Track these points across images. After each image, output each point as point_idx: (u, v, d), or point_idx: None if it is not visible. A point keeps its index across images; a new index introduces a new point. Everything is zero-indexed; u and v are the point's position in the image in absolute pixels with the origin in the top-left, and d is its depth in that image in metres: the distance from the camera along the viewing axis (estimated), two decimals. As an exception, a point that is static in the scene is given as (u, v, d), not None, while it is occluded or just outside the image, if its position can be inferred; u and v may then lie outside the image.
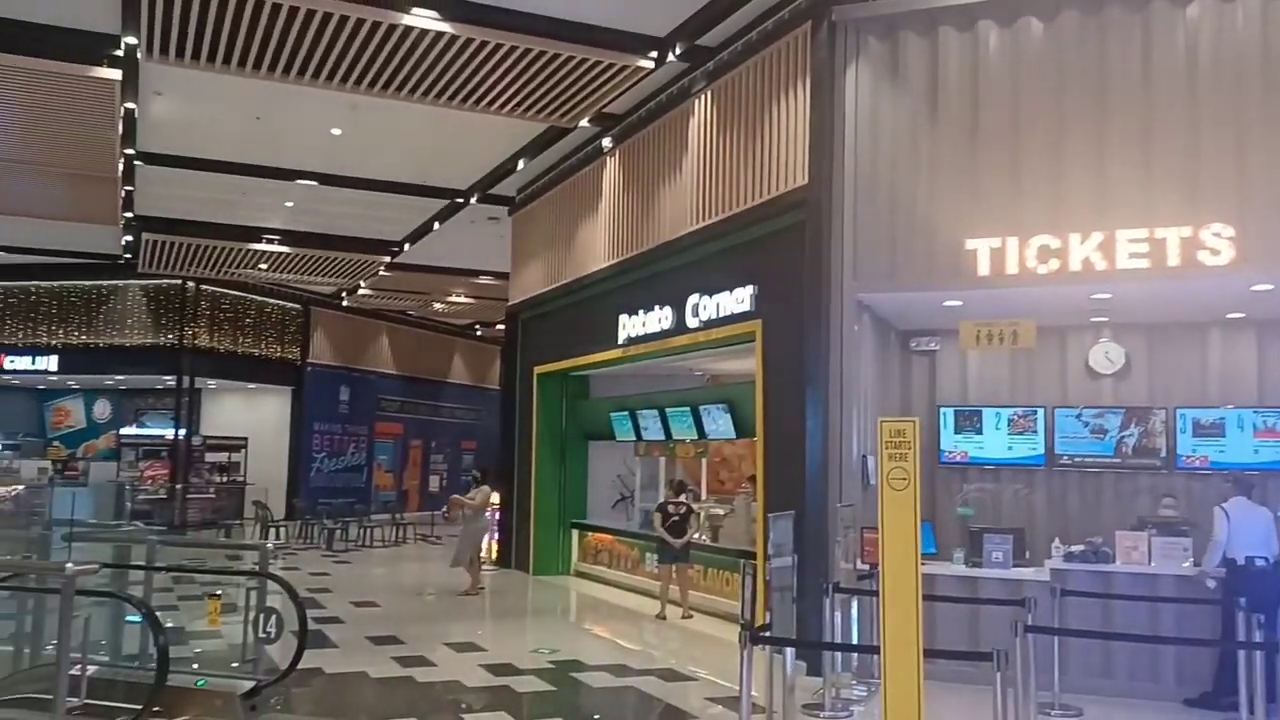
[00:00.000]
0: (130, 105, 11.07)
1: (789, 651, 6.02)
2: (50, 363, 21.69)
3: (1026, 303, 8.02)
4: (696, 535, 11.42)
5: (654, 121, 11.49)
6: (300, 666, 6.67)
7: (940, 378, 9.62)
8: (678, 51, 9.86)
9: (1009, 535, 7.94)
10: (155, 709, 5.57)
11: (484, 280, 20.82)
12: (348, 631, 9.82)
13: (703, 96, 10.45)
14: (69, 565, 5.18)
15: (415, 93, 10.35)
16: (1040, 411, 9.05)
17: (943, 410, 9.34)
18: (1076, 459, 8.94)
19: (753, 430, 9.86)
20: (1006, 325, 8.07)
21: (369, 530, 19.53)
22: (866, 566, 7.73)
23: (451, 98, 10.51)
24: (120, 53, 9.57)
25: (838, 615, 7.27)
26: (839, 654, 7.32)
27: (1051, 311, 8.45)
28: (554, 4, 9.02)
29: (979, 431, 9.18)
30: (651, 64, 9.94)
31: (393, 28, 8.90)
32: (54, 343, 21.65)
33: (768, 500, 9.02)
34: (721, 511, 12.17)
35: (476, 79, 10.05)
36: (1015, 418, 9.13)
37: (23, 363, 21.78)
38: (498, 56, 9.52)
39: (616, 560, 13.50)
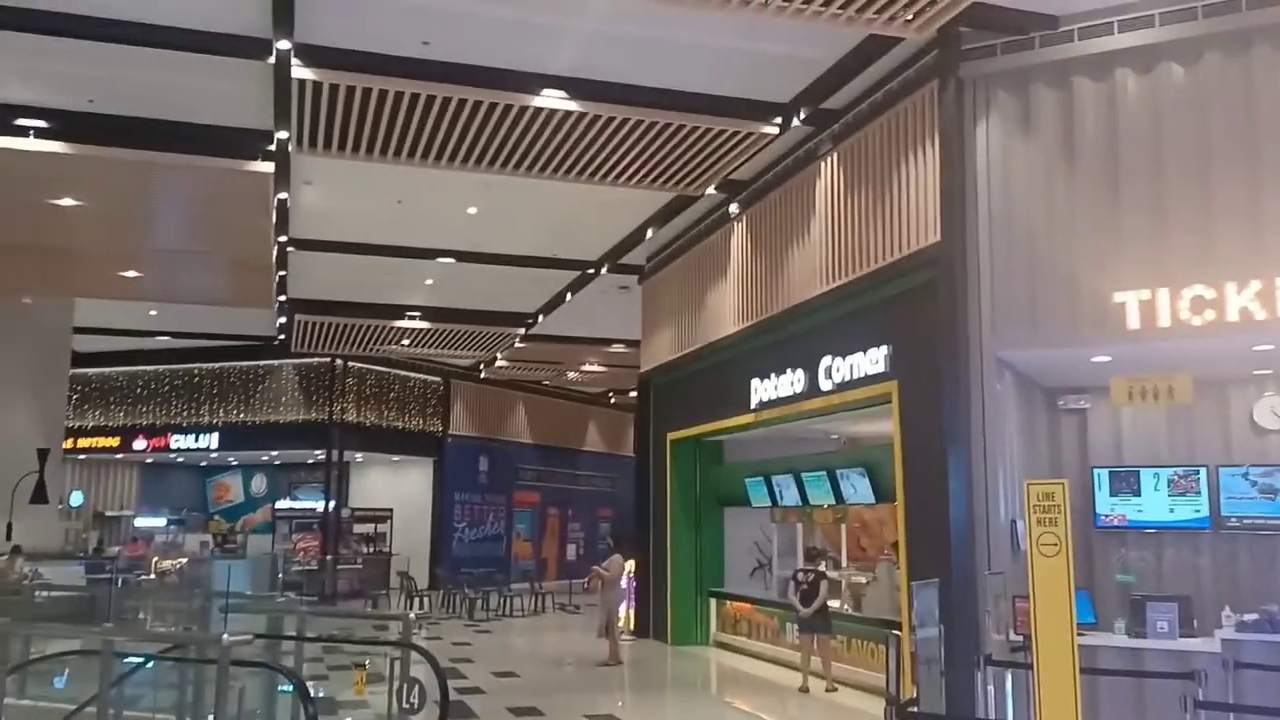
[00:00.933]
0: (283, 195, 11.75)
1: (939, 728, 5.75)
2: (212, 440, 22.93)
3: (1181, 356, 7.59)
4: (837, 604, 11.11)
5: (780, 185, 11.50)
6: (442, 737, 6.74)
7: (1092, 437, 9.15)
8: (802, 116, 9.88)
9: (1174, 603, 7.42)
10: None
11: (616, 348, 21.07)
12: (489, 702, 9.88)
13: (829, 158, 10.41)
14: (225, 636, 5.39)
15: (546, 170, 10.66)
16: (1203, 471, 8.49)
17: (1096, 471, 8.86)
18: (1245, 521, 8.33)
19: (893, 494, 9.58)
20: (1161, 381, 7.64)
21: (508, 599, 19.73)
22: (1020, 638, 7.34)
23: (581, 172, 10.78)
24: (273, 147, 10.19)
25: (990, 689, 6.91)
26: (994, 731, 6.94)
27: (1210, 364, 7.98)
28: (677, 77, 9.19)
29: (1137, 493, 8.67)
30: (776, 130, 9.99)
31: (524, 109, 9.22)
32: (215, 421, 22.91)
33: (911, 567, 8.71)
34: (863, 579, 11.82)
35: (604, 153, 10.29)
36: (1175, 478, 8.59)
37: (187, 441, 23.09)
38: (624, 131, 9.73)
39: (756, 630, 13.24)
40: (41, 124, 9.56)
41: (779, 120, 9.89)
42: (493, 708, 9.57)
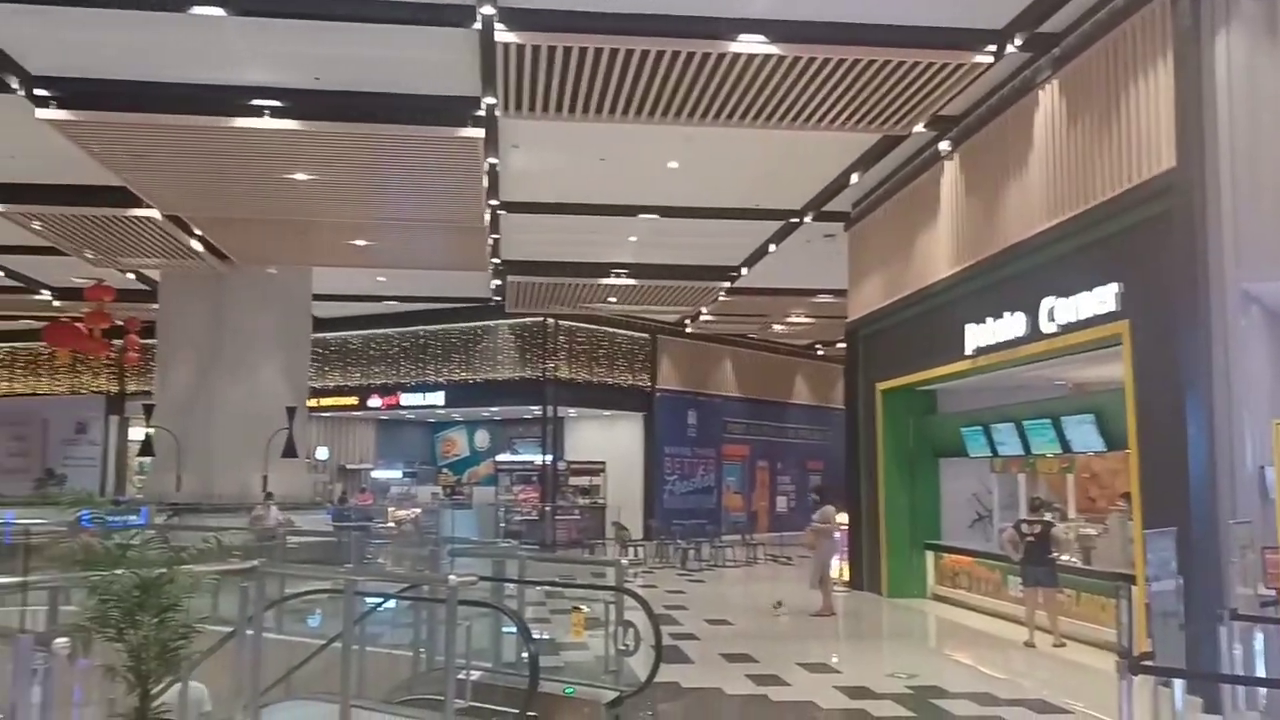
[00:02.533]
0: (492, 160, 12.16)
1: (1177, 684, 5.39)
2: (438, 398, 24.29)
3: None
4: (1065, 557, 10.60)
5: (995, 118, 10.91)
6: (658, 680, 6.91)
7: (1357, 375, 8.26)
8: (1018, 43, 9.30)
9: None
10: (530, 713, 5.97)
11: (822, 299, 20.72)
12: (702, 648, 10.05)
13: (1048, 86, 9.77)
14: (451, 578, 5.70)
15: (747, 118, 10.52)
16: None
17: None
18: None
19: (1124, 441, 8.99)
20: None
21: (720, 550, 19.95)
22: (1271, 591, 6.76)
23: (783, 118, 10.57)
24: (482, 113, 10.54)
25: (1237, 646, 6.41)
26: (1241, 689, 6.45)
27: None
28: (880, 10, 8.82)
29: None
30: (990, 59, 9.44)
31: (723, 56, 9.11)
32: (440, 380, 24.23)
33: (1146, 518, 8.18)
34: (1093, 531, 11.20)
35: (807, 96, 10.04)
36: None
37: (415, 399, 24.57)
38: (826, 71, 9.45)
39: (976, 583, 12.82)
40: (275, 103, 10.26)
41: (993, 48, 9.33)
42: (706, 653, 9.72)
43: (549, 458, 23.47)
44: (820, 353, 29.73)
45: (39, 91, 9.98)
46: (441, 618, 7.55)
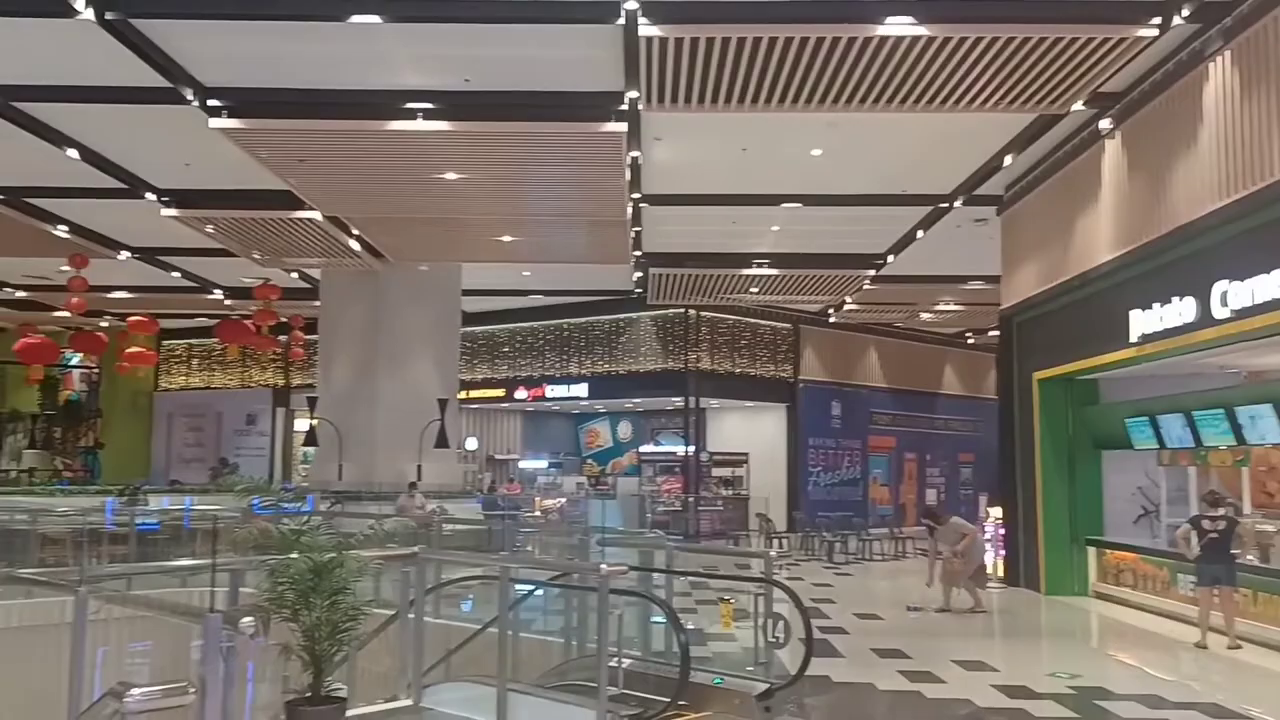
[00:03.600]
0: (635, 153, 12.25)
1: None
2: (582, 390, 24.70)
3: None
4: (1242, 555, 10.01)
5: (1160, 94, 10.34)
6: (808, 673, 6.85)
7: None
8: (1185, 13, 8.78)
9: None
10: (681, 702, 6.02)
11: (973, 285, 20.09)
12: (852, 642, 9.92)
13: (1219, 58, 9.20)
14: (603, 566, 5.79)
15: (894, 102, 10.27)
16: None
17: None
18: None
19: (1309, 434, 8.41)
20: None
21: (867, 543, 19.62)
22: None
23: (932, 101, 10.27)
24: (624, 107, 10.63)
25: None
26: None
27: None
28: (1035, -15, 8.48)
29: None
30: (1154, 32, 8.93)
31: (869, 40, 8.91)
32: (583, 372, 24.62)
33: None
34: (1271, 528, 10.53)
35: (957, 78, 9.73)
36: None
37: (560, 391, 25.04)
38: (978, 51, 9.13)
39: (1142, 581, 12.22)
40: (428, 105, 10.60)
41: (1157, 20, 8.83)
42: (856, 647, 9.59)
43: (691, 449, 23.54)
44: (971, 341, 28.84)
45: (212, 102, 10.58)
46: (591, 605, 7.70)
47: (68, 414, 27.57)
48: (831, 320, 25.31)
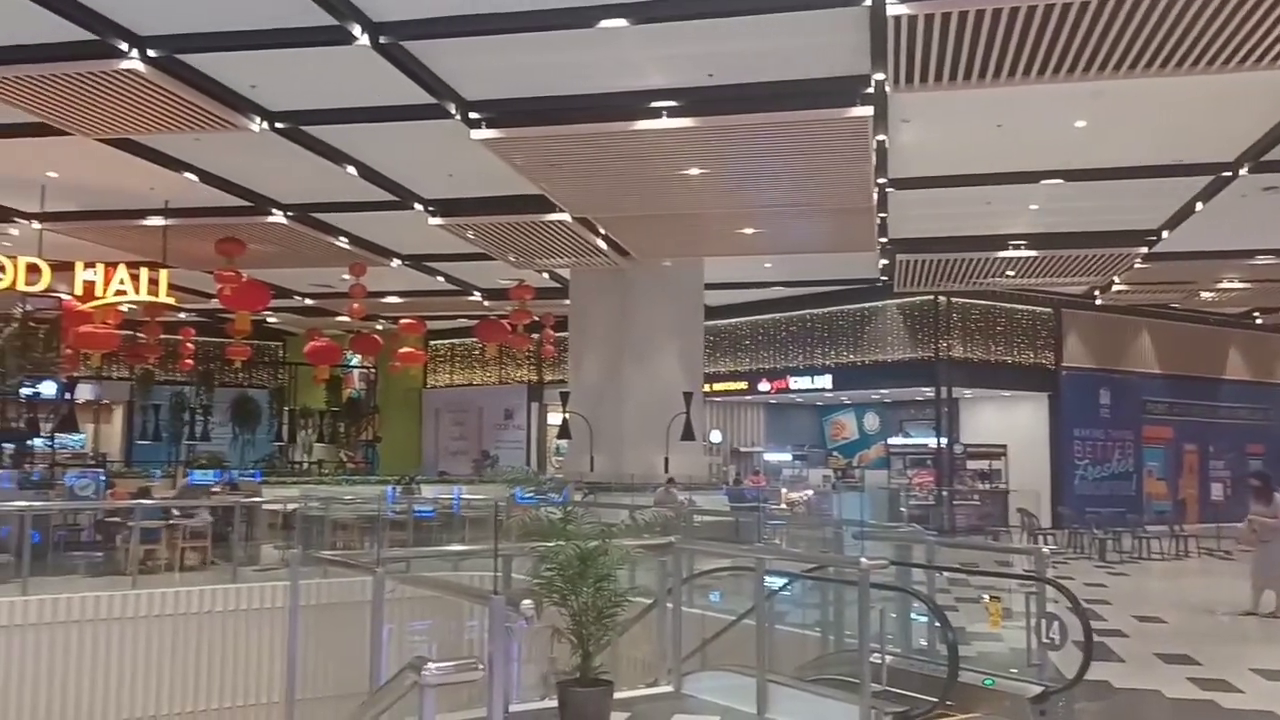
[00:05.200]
0: (881, 137, 11.93)
1: None
2: (826, 381, 24.38)
3: None
4: None
5: None
6: (1086, 678, 6.45)
7: None
8: None
9: None
10: (949, 702, 5.82)
11: (1262, 260, 18.22)
12: (1132, 646, 9.25)
13: None
14: (863, 560, 5.68)
15: (1170, 64, 9.44)
16: None
17: None
18: None
19: None
20: None
21: (1144, 541, 18.23)
22: None
23: (1213, 61, 9.36)
24: (870, 90, 10.37)
25: None
26: None
27: None
28: (1340, -80, 7.55)
29: None
30: None
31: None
32: (828, 363, 24.28)
33: None
34: None
35: (1244, 33, 8.80)
36: None
37: (804, 383, 24.81)
38: (1270, 1, 8.25)
39: None
40: (671, 103, 10.76)
41: None
42: (1137, 652, 8.94)
43: (944, 440, 22.71)
44: (1259, 321, 26.19)
45: (472, 115, 11.21)
46: (848, 599, 7.59)
47: (350, 410, 30.08)
48: (1098, 303, 23.66)
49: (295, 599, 6.41)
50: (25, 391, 18.40)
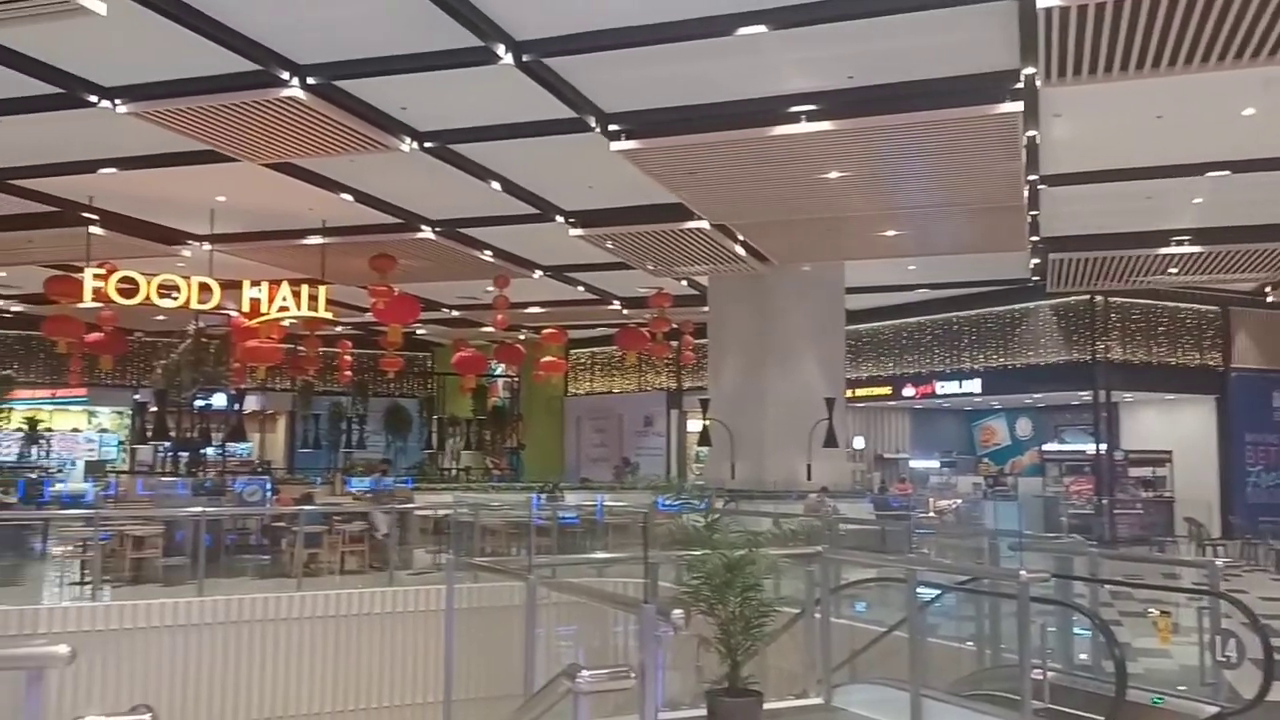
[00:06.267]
0: (1031, 133, 11.52)
1: None
2: (974, 385, 23.62)
3: None
4: None
5: None
6: (1268, 698, 6.06)
7: None
8: None
9: None
10: (1116, 722, 5.57)
11: None
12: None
13: None
14: (1023, 573, 5.49)
15: (1347, 44, 8.82)
16: None
17: None
18: None
19: None
20: None
21: (1327, 555, 17.01)
22: None
23: (1398, 38, 8.70)
24: (1020, 85, 10.03)
25: None
26: None
27: None
28: None
29: None
30: None
31: (1316, -25, 7.73)
32: (976, 367, 23.53)
33: None
34: None
35: None
36: None
37: (951, 387, 24.12)
38: None
39: None
40: (811, 107, 10.66)
41: None
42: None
43: (1102, 446, 21.70)
44: None
45: (611, 127, 11.37)
46: (1005, 612, 7.34)
47: (495, 418, 30.86)
48: (1270, 300, 22.20)
49: (451, 603, 6.63)
50: (198, 403, 19.54)
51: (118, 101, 10.59)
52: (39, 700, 3.05)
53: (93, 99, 10.59)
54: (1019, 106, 10.28)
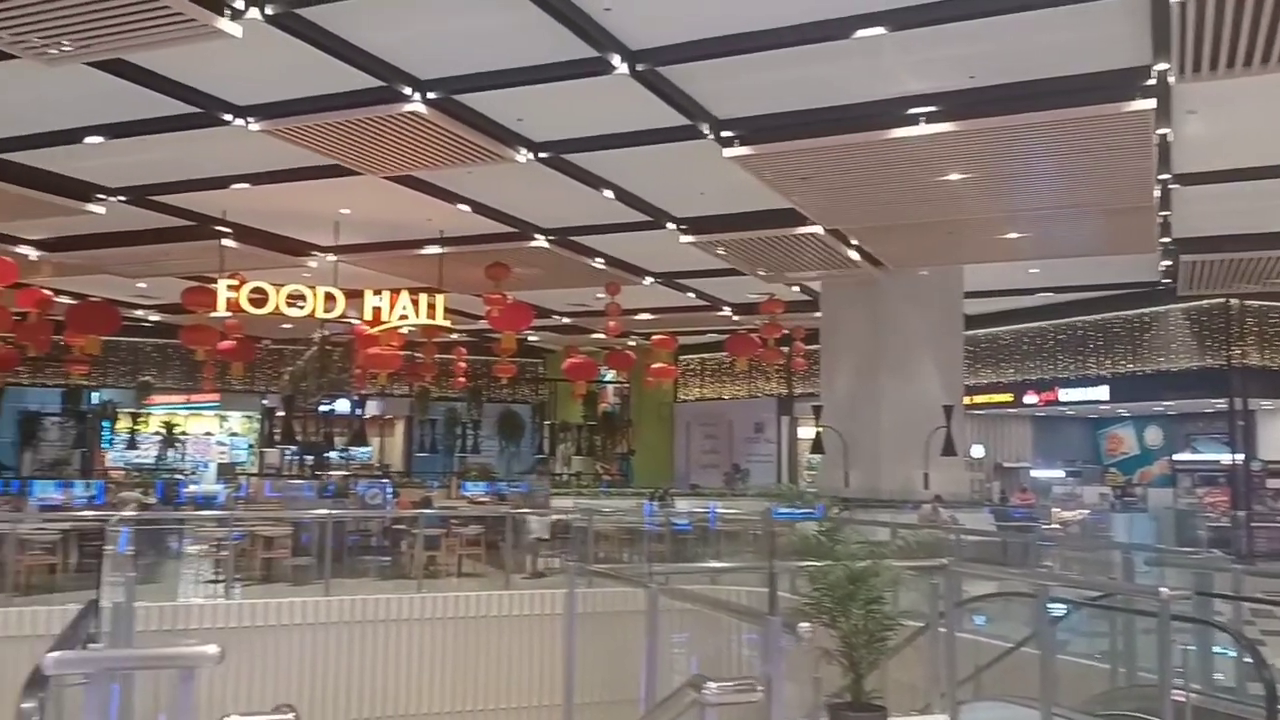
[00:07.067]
0: (1163, 131, 11.05)
1: None
2: (1100, 393, 22.75)
3: None
4: None
5: None
6: None
7: None
8: None
9: None
10: (1265, 751, 5.28)
11: None
12: None
13: None
14: (1163, 590, 5.26)
15: None
16: None
17: None
18: None
19: None
20: None
21: None
22: None
23: None
24: (1151, 82, 9.64)
25: None
26: None
27: None
28: None
29: None
30: None
31: None
32: (1102, 373, 22.66)
33: None
34: None
35: None
36: None
37: (1075, 394, 23.28)
38: None
39: None
40: (930, 109, 10.44)
41: None
42: None
43: (1239, 456, 20.65)
44: None
45: (724, 133, 11.35)
46: (1138, 629, 7.05)
47: (605, 424, 31.11)
48: None
49: (572, 607, 6.69)
50: (322, 408, 20.24)
51: (250, 119, 11.05)
52: (190, 698, 3.18)
53: (228, 118, 11.08)
54: (1151, 104, 9.88)
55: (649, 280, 19.97)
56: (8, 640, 9.93)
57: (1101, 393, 22.71)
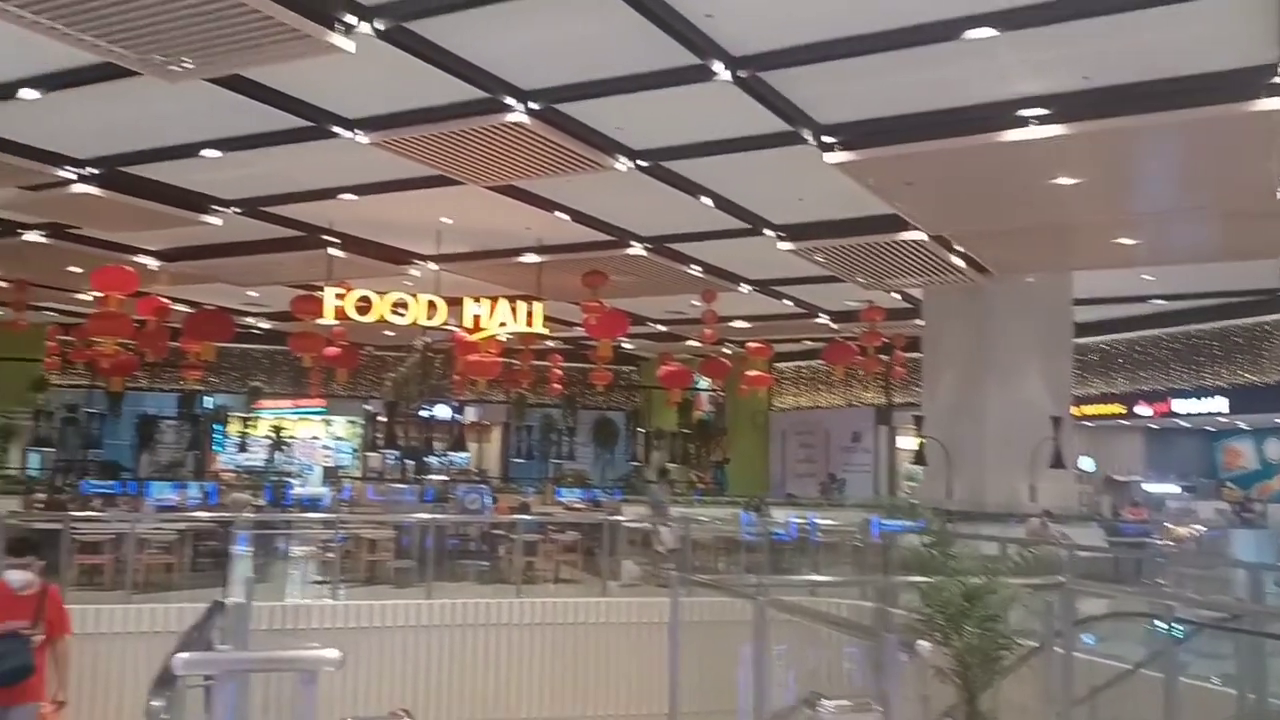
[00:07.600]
0: (1290, 132, 10.55)
1: None
2: (1218, 404, 21.79)
3: None
4: None
5: None
6: None
7: None
8: None
9: None
10: None
11: None
12: None
13: None
14: (1302, 614, 4.99)
15: None
16: None
17: None
18: None
19: None
20: None
21: None
22: None
23: None
24: (1278, 80, 9.19)
25: None
26: None
27: None
28: None
29: None
30: None
31: None
32: (1220, 384, 21.70)
33: None
34: None
35: None
36: None
37: (1190, 405, 22.34)
38: None
39: None
40: (1042, 111, 10.12)
41: None
42: None
43: (1370, 473, 19.58)
44: None
45: (826, 139, 11.20)
46: (1268, 651, 6.72)
47: (700, 432, 31.03)
48: None
49: (675, 617, 6.65)
50: (423, 414, 20.63)
51: (359, 132, 11.32)
52: (312, 700, 3.23)
53: (338, 130, 11.37)
54: (1276, 104, 9.41)
55: (745, 288, 19.84)
56: (127, 636, 10.33)
57: (1219, 404, 21.74)
